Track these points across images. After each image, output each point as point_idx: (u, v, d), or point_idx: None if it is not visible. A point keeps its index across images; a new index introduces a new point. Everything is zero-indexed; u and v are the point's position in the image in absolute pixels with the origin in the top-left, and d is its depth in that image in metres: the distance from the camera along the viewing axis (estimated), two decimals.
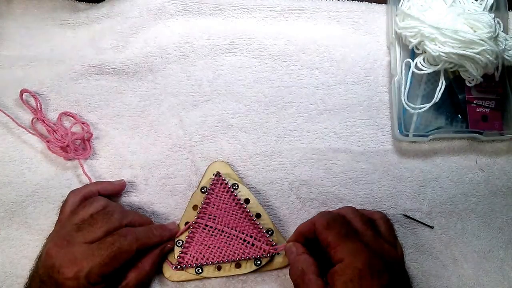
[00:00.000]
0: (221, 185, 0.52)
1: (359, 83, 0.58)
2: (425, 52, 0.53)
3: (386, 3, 0.60)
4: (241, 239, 0.50)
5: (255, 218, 0.50)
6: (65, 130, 0.54)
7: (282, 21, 0.59)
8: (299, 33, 0.58)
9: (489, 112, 0.56)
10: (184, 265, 0.50)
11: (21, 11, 0.58)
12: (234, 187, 0.52)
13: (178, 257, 0.50)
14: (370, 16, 0.59)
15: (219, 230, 0.51)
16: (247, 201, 0.52)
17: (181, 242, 0.51)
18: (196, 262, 0.50)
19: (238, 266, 0.50)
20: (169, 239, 0.50)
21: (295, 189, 0.55)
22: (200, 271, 0.50)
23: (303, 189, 0.55)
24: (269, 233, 0.50)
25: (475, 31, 0.51)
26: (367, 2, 0.60)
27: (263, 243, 0.50)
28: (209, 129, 0.56)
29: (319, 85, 0.57)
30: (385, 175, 0.55)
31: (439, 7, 0.53)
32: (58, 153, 0.53)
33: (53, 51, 0.57)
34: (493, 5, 0.56)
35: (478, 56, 0.51)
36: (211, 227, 0.51)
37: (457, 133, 0.56)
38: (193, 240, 0.51)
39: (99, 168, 0.54)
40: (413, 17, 0.53)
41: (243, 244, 0.50)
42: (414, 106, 0.54)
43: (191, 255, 0.50)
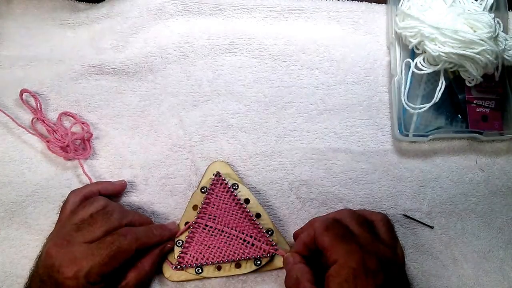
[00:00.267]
0: (221, 185, 0.52)
1: (359, 83, 0.58)
2: (425, 52, 0.53)
3: (386, 3, 0.60)
4: (241, 239, 0.50)
5: (255, 218, 0.50)
6: (65, 130, 0.54)
7: (282, 21, 0.59)
8: (299, 33, 0.58)
9: (489, 112, 0.56)
10: (184, 265, 0.50)
11: (21, 11, 0.58)
12: (234, 187, 0.52)
13: (178, 257, 0.50)
14: (370, 16, 0.59)
15: (219, 230, 0.51)
16: (247, 201, 0.52)
17: (181, 242, 0.51)
18: (196, 262, 0.50)
19: (238, 266, 0.50)
20: (169, 239, 0.50)
21: (295, 189, 0.55)
22: (200, 271, 0.50)
23: (303, 189, 0.55)
24: (269, 233, 0.50)
25: (475, 31, 0.51)
26: (367, 2, 0.60)
27: (263, 243, 0.50)
28: (209, 129, 0.56)
29: (319, 85, 0.57)
30: (385, 175, 0.55)
31: (439, 7, 0.53)
32: (58, 153, 0.53)
33: (53, 51, 0.57)
34: (493, 5, 0.56)
35: (478, 56, 0.51)
36: (211, 227, 0.51)
37: (457, 133, 0.56)
38: (193, 240, 0.51)
39: (99, 168, 0.54)
40: (413, 17, 0.53)
41: (243, 244, 0.50)
42: (414, 106, 0.54)
43: (191, 255, 0.50)
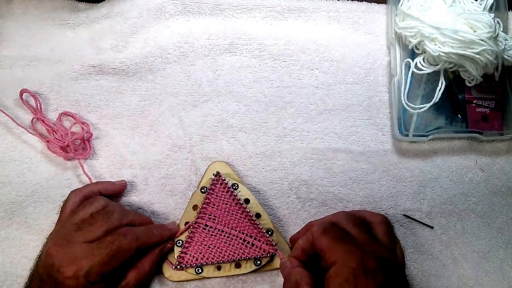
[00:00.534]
0: (221, 185, 0.52)
1: (359, 83, 0.58)
2: (425, 52, 0.53)
3: (386, 3, 0.60)
4: (241, 239, 0.50)
5: (255, 218, 0.50)
6: (65, 130, 0.54)
7: (282, 21, 0.59)
8: (299, 33, 0.58)
9: (489, 112, 0.56)
10: (184, 265, 0.50)
11: (21, 11, 0.58)
12: (234, 187, 0.52)
13: (178, 257, 0.50)
14: (370, 16, 0.59)
15: (219, 230, 0.51)
16: (247, 201, 0.52)
17: (181, 242, 0.51)
18: (196, 262, 0.50)
19: (238, 266, 0.50)
20: (169, 238, 0.50)
21: (295, 189, 0.55)
22: (200, 271, 0.50)
23: (303, 189, 0.55)
24: (269, 233, 0.50)
25: (475, 31, 0.51)
26: (367, 2, 0.60)
27: (263, 243, 0.50)
28: (209, 129, 0.56)
29: (319, 85, 0.57)
30: (385, 175, 0.55)
31: (439, 7, 0.53)
32: (58, 153, 0.53)
33: (53, 51, 0.57)
34: (493, 5, 0.56)
35: (478, 56, 0.51)
36: (211, 227, 0.51)
37: (457, 133, 0.56)
38: (193, 240, 0.51)
39: (99, 168, 0.54)
40: (413, 17, 0.53)
41: (243, 244, 0.50)
42: (414, 106, 0.54)
43: (191, 255, 0.50)
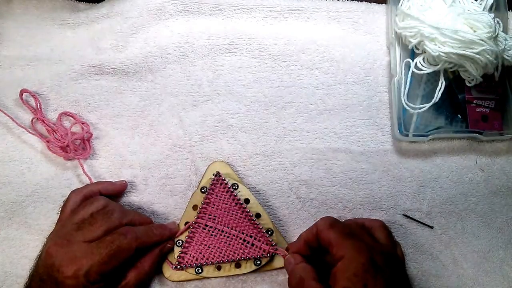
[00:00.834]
0: (221, 185, 0.52)
1: (359, 83, 0.58)
2: (425, 52, 0.53)
3: (386, 3, 0.60)
4: (241, 239, 0.50)
5: (255, 218, 0.50)
6: (65, 130, 0.54)
7: (282, 21, 0.59)
8: (299, 33, 0.58)
9: (489, 112, 0.56)
10: (184, 265, 0.50)
11: (21, 11, 0.58)
12: (234, 187, 0.52)
13: (178, 257, 0.50)
14: (370, 16, 0.59)
15: (219, 230, 0.51)
16: (247, 201, 0.52)
17: (181, 242, 0.51)
18: (196, 262, 0.50)
19: (238, 266, 0.50)
20: (168, 238, 0.50)
21: (295, 189, 0.55)
22: (200, 271, 0.50)
23: (303, 189, 0.55)
24: (269, 233, 0.50)
25: (475, 31, 0.51)
26: (367, 2, 0.60)
27: (263, 243, 0.50)
28: (209, 129, 0.56)
29: (319, 85, 0.57)
30: (385, 175, 0.55)
31: (439, 7, 0.53)
32: (58, 153, 0.53)
33: (53, 51, 0.57)
34: (493, 5, 0.56)
35: (478, 56, 0.51)
36: (211, 227, 0.51)
37: (457, 133, 0.56)
38: (193, 240, 0.51)
39: (99, 168, 0.54)
40: (413, 17, 0.53)
41: (243, 244, 0.50)
42: (414, 106, 0.54)
43: (191, 255, 0.50)
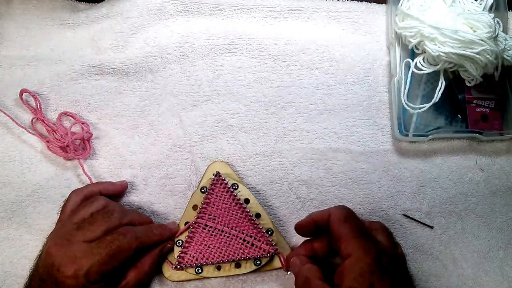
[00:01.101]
0: (221, 185, 0.52)
1: (358, 83, 0.58)
2: (425, 52, 0.53)
3: (385, 3, 0.60)
4: (241, 239, 0.50)
5: (255, 218, 0.50)
6: (65, 130, 0.54)
7: (282, 21, 0.59)
8: (299, 33, 0.58)
9: (488, 112, 0.56)
10: (184, 265, 0.50)
11: (21, 11, 0.58)
12: (234, 187, 0.52)
13: (178, 257, 0.50)
14: (370, 16, 0.59)
15: (219, 230, 0.51)
16: (247, 201, 0.52)
17: (181, 242, 0.51)
18: (196, 262, 0.50)
19: (238, 266, 0.50)
20: (168, 238, 0.50)
21: (295, 189, 0.55)
22: (200, 271, 0.50)
23: (302, 189, 0.55)
24: (269, 233, 0.50)
25: (474, 31, 0.51)
26: (367, 2, 0.60)
27: (263, 243, 0.50)
28: (209, 129, 0.56)
29: (319, 85, 0.57)
30: (385, 175, 0.55)
31: (439, 7, 0.53)
32: (58, 153, 0.53)
33: (53, 51, 0.57)
34: (493, 5, 0.56)
35: (477, 56, 0.51)
36: (211, 227, 0.51)
37: (457, 133, 0.56)
38: (193, 240, 0.51)
39: (99, 168, 0.54)
40: (412, 17, 0.53)
41: (243, 244, 0.50)
42: (414, 106, 0.54)
43: (191, 255, 0.50)
